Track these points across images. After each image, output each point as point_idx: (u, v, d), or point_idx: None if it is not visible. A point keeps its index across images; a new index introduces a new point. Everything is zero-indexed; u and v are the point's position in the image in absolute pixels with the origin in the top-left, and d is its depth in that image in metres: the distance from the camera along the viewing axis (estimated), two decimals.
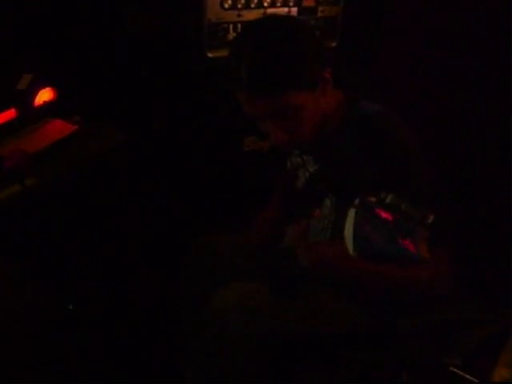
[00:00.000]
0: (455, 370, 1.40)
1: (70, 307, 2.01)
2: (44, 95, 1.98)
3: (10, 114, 1.87)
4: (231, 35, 2.13)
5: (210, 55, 2.12)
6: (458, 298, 1.55)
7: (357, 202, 1.05)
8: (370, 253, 1.02)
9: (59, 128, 1.95)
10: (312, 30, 1.38)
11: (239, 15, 2.13)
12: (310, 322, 1.51)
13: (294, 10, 2.23)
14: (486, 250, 2.14)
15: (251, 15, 2.15)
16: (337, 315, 1.53)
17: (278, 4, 2.19)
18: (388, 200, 1.03)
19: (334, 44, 2.37)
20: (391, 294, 1.44)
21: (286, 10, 2.21)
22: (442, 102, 2.32)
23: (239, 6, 2.12)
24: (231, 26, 2.13)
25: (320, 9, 2.28)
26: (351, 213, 1.05)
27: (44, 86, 1.98)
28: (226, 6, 2.09)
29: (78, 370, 1.85)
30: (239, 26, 2.14)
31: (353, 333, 1.54)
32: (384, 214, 1.02)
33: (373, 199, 1.05)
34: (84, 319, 2.00)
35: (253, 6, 2.14)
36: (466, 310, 1.53)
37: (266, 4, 2.16)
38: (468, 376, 1.45)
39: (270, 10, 2.18)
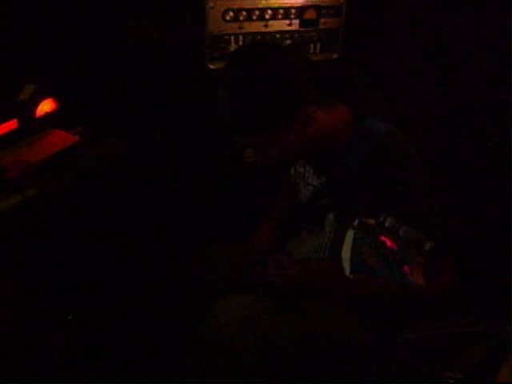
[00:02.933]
0: (455, 383, 1.40)
1: (70, 317, 2.01)
2: (45, 106, 1.99)
3: (12, 124, 1.87)
4: (232, 47, 2.14)
5: (211, 67, 2.13)
6: (459, 309, 1.55)
7: (356, 223, 1.05)
8: (366, 275, 1.02)
9: (60, 139, 1.95)
10: (297, 62, 1.35)
11: (241, 27, 2.14)
12: (310, 334, 1.51)
13: (296, 23, 2.24)
14: (487, 260, 2.13)
15: (253, 27, 2.16)
16: (337, 328, 1.52)
17: (280, 17, 2.20)
18: (387, 223, 1.03)
19: (335, 56, 2.38)
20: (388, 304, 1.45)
21: (287, 22, 2.22)
22: (443, 112, 2.32)
23: (241, 18, 2.12)
24: (233, 38, 2.14)
25: (322, 21, 2.29)
26: (349, 234, 1.05)
27: (45, 97, 1.98)
28: (228, 18, 2.10)
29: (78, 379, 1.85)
30: (241, 37, 2.15)
31: (353, 345, 1.53)
32: (383, 238, 1.01)
33: (372, 221, 1.05)
34: (83, 329, 2.00)
35: (254, 18, 2.15)
36: (466, 323, 1.53)
37: (267, 16, 2.17)
38: None
39: (271, 23, 2.18)
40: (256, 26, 2.17)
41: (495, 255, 2.06)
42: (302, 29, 2.26)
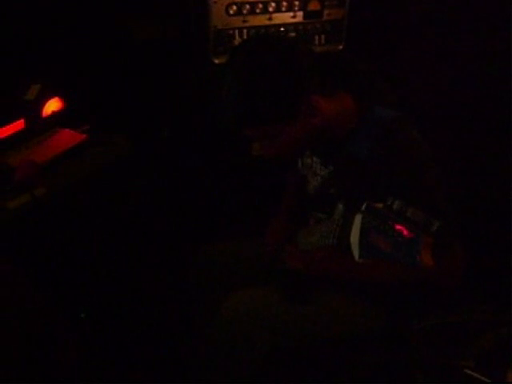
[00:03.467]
0: (469, 371, 1.39)
1: (82, 315, 2.01)
2: (52, 105, 2.00)
3: (19, 125, 1.88)
4: (237, 41, 2.14)
5: (216, 61, 2.13)
6: (471, 297, 1.55)
7: (363, 207, 1.05)
8: (374, 258, 1.01)
9: (68, 138, 1.96)
10: (299, 54, 1.35)
11: (244, 21, 2.13)
12: (323, 325, 1.51)
13: (300, 15, 2.23)
14: (496, 251, 2.13)
15: (257, 21, 2.15)
16: (349, 319, 1.52)
17: (283, 9, 2.19)
18: (395, 206, 1.03)
19: (340, 47, 2.37)
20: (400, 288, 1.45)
21: (291, 14, 2.21)
22: (451, 104, 2.31)
23: (244, 11, 2.12)
24: (237, 32, 2.14)
25: (326, 12, 2.29)
26: (358, 218, 1.05)
27: (52, 96, 1.99)
28: (232, 12, 2.10)
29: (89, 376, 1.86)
30: (245, 31, 2.15)
31: (366, 336, 1.53)
32: (391, 221, 1.01)
33: (380, 205, 1.04)
34: (96, 327, 2.01)
35: (258, 11, 2.15)
36: (479, 311, 1.52)
37: (271, 9, 2.17)
38: (482, 377, 1.44)
39: (275, 15, 2.18)
40: (260, 20, 2.16)
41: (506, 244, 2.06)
42: (306, 20, 2.26)
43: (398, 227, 1.00)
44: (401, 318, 1.49)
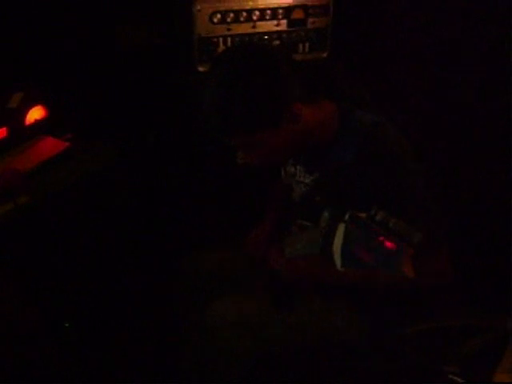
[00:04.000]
0: (454, 377, 1.39)
1: (67, 325, 2.00)
2: (35, 113, 1.99)
3: (2, 133, 1.87)
4: (221, 49, 2.14)
5: (200, 69, 2.13)
6: (457, 303, 1.55)
7: (347, 217, 1.05)
8: (357, 268, 1.02)
9: (51, 146, 1.95)
10: (281, 61, 1.33)
11: (229, 29, 2.14)
12: (307, 333, 1.51)
13: (284, 23, 2.24)
14: (485, 255, 2.14)
15: (241, 29, 2.16)
16: (337, 325, 1.52)
17: (267, 17, 2.20)
18: (378, 217, 1.03)
19: (324, 55, 2.38)
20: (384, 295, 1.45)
21: (275, 22, 2.22)
22: (434, 110, 2.33)
23: (228, 20, 2.13)
24: (221, 40, 2.14)
25: (310, 20, 2.30)
26: (340, 228, 1.05)
27: (35, 104, 1.98)
28: (216, 20, 2.10)
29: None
30: (229, 39, 2.15)
31: (352, 342, 1.53)
32: (374, 231, 1.01)
33: (363, 215, 1.04)
34: (80, 336, 1.99)
35: (242, 19, 2.15)
36: (464, 317, 1.52)
37: (255, 17, 2.17)
38: (467, 383, 1.45)
39: (259, 24, 2.19)
40: (244, 28, 2.17)
41: (493, 248, 2.07)
42: (289, 29, 2.27)
43: (381, 238, 1.00)
44: (387, 324, 1.49)
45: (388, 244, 1.01)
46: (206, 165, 2.28)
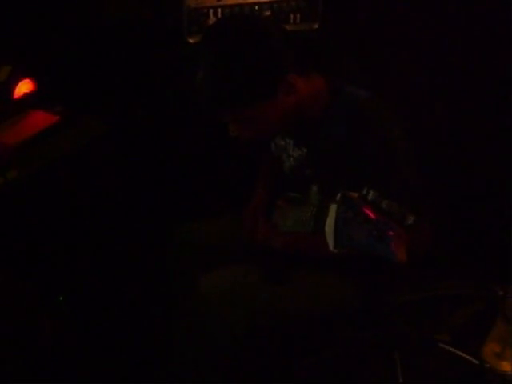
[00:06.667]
0: (444, 345, 1.41)
1: (61, 298, 2.00)
2: (24, 87, 1.96)
3: None
4: (211, 20, 2.11)
5: (190, 41, 2.10)
6: (446, 272, 1.56)
7: (338, 197, 1.04)
8: (349, 249, 1.01)
9: (40, 119, 1.93)
10: (273, 33, 1.34)
11: (218, 0, 2.11)
12: (300, 304, 1.51)
13: None
14: (477, 224, 2.14)
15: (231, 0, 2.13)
16: (325, 296, 1.53)
17: None
18: (370, 196, 1.03)
19: (315, 26, 2.35)
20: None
21: None
22: (428, 87, 2.31)
23: None
24: (211, 11, 2.11)
25: None
26: (332, 208, 1.04)
27: (23, 78, 1.96)
28: None
29: (70, 360, 1.85)
30: (219, 10, 2.12)
31: (342, 312, 1.54)
32: (367, 211, 1.01)
33: (355, 195, 1.04)
34: (74, 309, 2.00)
35: None
36: (455, 287, 1.54)
37: None
38: (459, 352, 1.46)
39: None
40: None
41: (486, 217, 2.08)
42: None
43: (373, 218, 1.00)
44: (377, 294, 1.50)
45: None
46: (194, 138, 2.27)
